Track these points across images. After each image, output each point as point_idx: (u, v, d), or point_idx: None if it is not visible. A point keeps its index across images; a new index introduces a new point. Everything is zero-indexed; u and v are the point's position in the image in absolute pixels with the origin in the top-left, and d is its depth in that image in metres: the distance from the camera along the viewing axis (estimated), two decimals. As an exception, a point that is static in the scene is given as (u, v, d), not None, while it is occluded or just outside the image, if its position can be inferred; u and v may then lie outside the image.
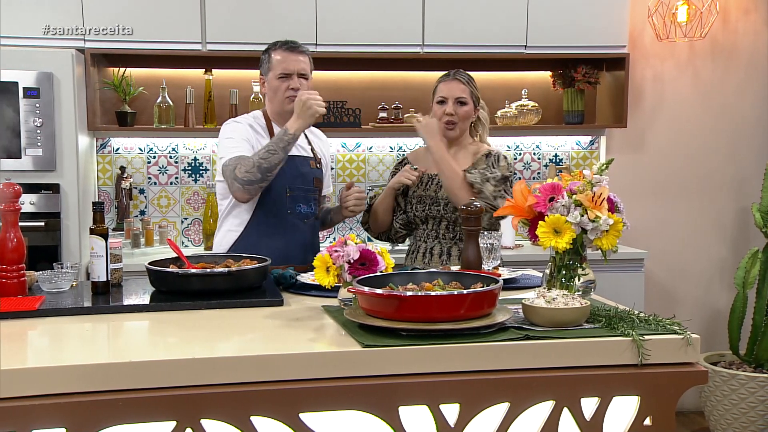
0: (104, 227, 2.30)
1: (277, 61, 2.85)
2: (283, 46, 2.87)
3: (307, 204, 2.92)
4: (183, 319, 2.06)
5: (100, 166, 4.08)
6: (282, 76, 2.84)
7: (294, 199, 2.88)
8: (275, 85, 2.86)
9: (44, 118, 3.50)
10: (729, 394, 3.89)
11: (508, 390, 1.76)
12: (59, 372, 1.61)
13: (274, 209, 2.85)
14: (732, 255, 4.54)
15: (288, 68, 2.84)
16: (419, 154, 3.15)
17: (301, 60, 2.87)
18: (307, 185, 2.92)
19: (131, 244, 3.91)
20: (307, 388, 1.69)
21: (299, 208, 2.89)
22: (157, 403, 1.63)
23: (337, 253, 2.02)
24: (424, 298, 1.78)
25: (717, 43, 4.43)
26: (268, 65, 2.87)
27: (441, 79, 3.02)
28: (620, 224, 1.97)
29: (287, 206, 2.87)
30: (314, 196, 2.95)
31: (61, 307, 2.12)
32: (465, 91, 2.96)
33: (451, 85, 2.97)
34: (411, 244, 3.09)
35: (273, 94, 2.88)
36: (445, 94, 2.97)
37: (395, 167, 3.16)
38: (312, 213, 2.95)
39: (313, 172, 2.94)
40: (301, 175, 2.89)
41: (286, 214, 2.87)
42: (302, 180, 2.90)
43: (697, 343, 1.84)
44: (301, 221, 2.90)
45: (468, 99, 2.97)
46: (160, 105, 3.93)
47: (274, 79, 2.86)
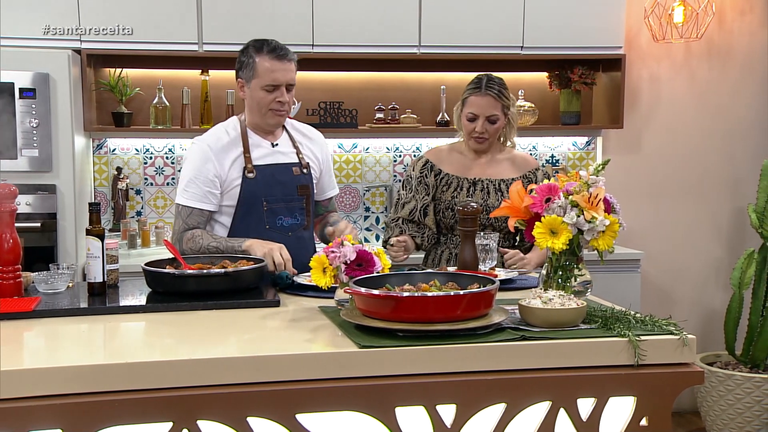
0: (100, 228, 2.29)
1: (265, 70, 2.60)
2: (271, 53, 2.60)
3: (290, 215, 2.71)
4: (179, 320, 2.06)
5: (97, 166, 4.07)
6: (268, 87, 2.61)
7: (273, 212, 2.68)
8: (259, 96, 2.62)
9: (40, 119, 3.50)
10: (725, 395, 3.90)
11: (505, 391, 1.76)
12: (55, 373, 1.61)
13: (252, 224, 2.66)
14: (728, 255, 4.55)
15: (276, 79, 2.60)
16: (442, 154, 2.99)
17: (290, 68, 2.63)
18: (288, 195, 2.71)
19: (127, 245, 3.90)
20: (303, 389, 1.69)
21: (280, 221, 2.69)
22: (154, 404, 1.63)
23: (333, 253, 2.02)
24: (420, 298, 1.78)
25: (713, 44, 4.44)
26: (252, 72, 2.61)
27: (472, 90, 2.85)
28: (616, 225, 1.97)
29: (265, 221, 2.67)
30: (300, 205, 2.73)
31: (57, 308, 2.12)
32: (497, 107, 2.81)
33: (483, 101, 2.81)
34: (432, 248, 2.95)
35: (255, 104, 2.65)
36: (476, 111, 2.82)
37: (419, 170, 2.93)
38: (298, 224, 2.73)
39: (296, 180, 2.72)
40: (280, 184, 2.67)
41: (263, 229, 2.66)
42: (282, 190, 2.68)
43: (693, 343, 1.84)
44: (284, 234, 2.68)
45: (500, 114, 2.83)
46: (156, 106, 3.92)
47: (258, 89, 2.61)
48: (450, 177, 2.92)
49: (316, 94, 4.11)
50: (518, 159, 2.99)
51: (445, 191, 2.91)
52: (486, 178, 2.92)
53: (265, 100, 2.63)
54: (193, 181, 2.63)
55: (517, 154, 3.01)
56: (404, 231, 2.87)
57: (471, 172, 2.94)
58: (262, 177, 2.66)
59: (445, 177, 2.93)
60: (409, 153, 4.31)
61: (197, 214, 2.64)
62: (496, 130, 2.88)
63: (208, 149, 2.64)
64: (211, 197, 2.63)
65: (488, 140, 2.89)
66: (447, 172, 2.93)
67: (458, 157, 2.97)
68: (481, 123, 2.84)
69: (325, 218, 2.93)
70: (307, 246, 2.78)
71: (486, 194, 2.89)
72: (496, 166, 2.94)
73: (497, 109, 2.83)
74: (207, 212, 2.65)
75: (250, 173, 2.65)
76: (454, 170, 2.94)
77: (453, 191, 2.90)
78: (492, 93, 2.82)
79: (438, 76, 4.24)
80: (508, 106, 2.87)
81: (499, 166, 2.94)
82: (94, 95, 3.90)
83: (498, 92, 2.83)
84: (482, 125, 2.84)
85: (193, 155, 2.67)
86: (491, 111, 2.83)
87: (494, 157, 2.95)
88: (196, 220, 2.64)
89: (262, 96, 2.63)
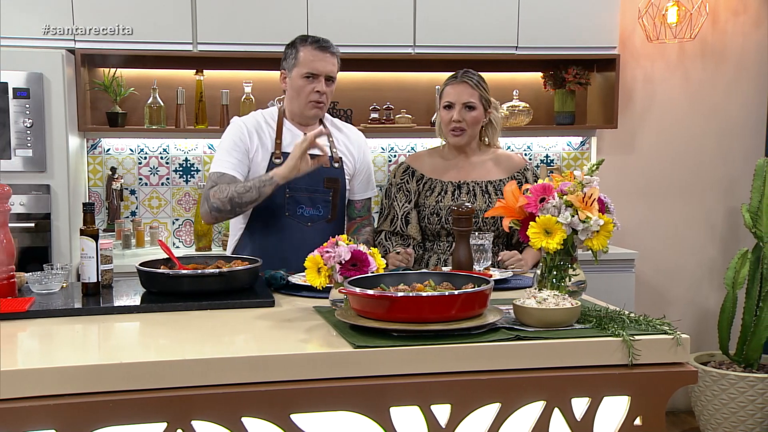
0: (95, 228, 2.29)
1: (305, 59, 2.69)
2: (314, 44, 2.70)
3: (313, 206, 2.77)
4: (174, 321, 2.05)
5: (91, 166, 4.06)
6: (308, 75, 2.69)
7: (295, 200, 2.75)
8: (299, 84, 2.70)
9: (34, 119, 3.49)
10: (719, 394, 3.91)
11: (499, 390, 1.77)
12: (49, 373, 1.61)
13: (271, 210, 2.74)
14: (722, 255, 4.56)
15: (316, 68, 2.69)
16: (422, 158, 2.95)
17: (331, 61, 2.71)
18: (314, 186, 2.76)
19: (122, 245, 3.90)
20: (298, 389, 1.69)
21: (301, 210, 2.76)
22: (148, 404, 1.63)
23: (328, 253, 2.02)
24: (415, 298, 1.78)
25: (706, 44, 4.45)
26: (294, 61, 2.71)
27: (448, 81, 2.83)
28: (611, 225, 1.97)
29: (285, 208, 2.74)
30: (325, 197, 2.78)
31: (51, 308, 2.12)
32: (474, 95, 2.77)
33: (458, 88, 2.78)
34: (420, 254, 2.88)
35: (295, 93, 2.73)
36: (452, 99, 2.78)
37: (400, 177, 2.90)
38: (320, 215, 2.78)
39: (325, 172, 2.75)
40: (306, 175, 2.65)
41: (283, 215, 2.75)
42: (308, 180, 2.71)
43: (686, 343, 1.85)
44: (303, 224, 2.76)
45: (477, 103, 2.78)
46: (150, 106, 3.92)
47: (298, 78, 2.70)
48: (433, 181, 2.87)
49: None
50: (502, 158, 2.91)
51: (429, 196, 2.85)
52: (471, 180, 2.86)
53: (305, 89, 2.71)
54: (227, 151, 2.72)
55: (500, 153, 2.93)
56: (388, 249, 2.81)
57: (454, 175, 2.87)
58: None
59: (428, 182, 2.87)
60: (404, 153, 4.31)
61: (228, 179, 2.69)
62: (474, 120, 2.80)
63: (243, 126, 2.76)
64: (242, 167, 2.72)
65: (466, 132, 2.80)
66: (429, 177, 2.88)
67: (439, 161, 2.91)
68: (458, 110, 2.77)
69: (356, 224, 2.92)
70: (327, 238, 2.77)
71: (473, 196, 2.83)
72: (480, 167, 2.87)
73: (474, 97, 2.78)
74: (237, 180, 2.70)
75: (277, 159, 2.72)
76: (437, 174, 2.88)
77: (437, 196, 2.84)
78: (469, 80, 2.79)
79: (433, 76, 4.24)
80: (487, 99, 2.82)
81: (483, 167, 2.88)
82: (88, 95, 3.89)
83: (475, 82, 2.80)
84: (459, 113, 2.77)
85: (229, 130, 2.77)
86: (467, 98, 2.77)
87: (477, 157, 2.89)
88: (225, 182, 2.69)
89: (301, 85, 2.71)
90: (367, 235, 2.89)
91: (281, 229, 2.77)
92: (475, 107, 2.79)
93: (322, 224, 2.80)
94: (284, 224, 2.75)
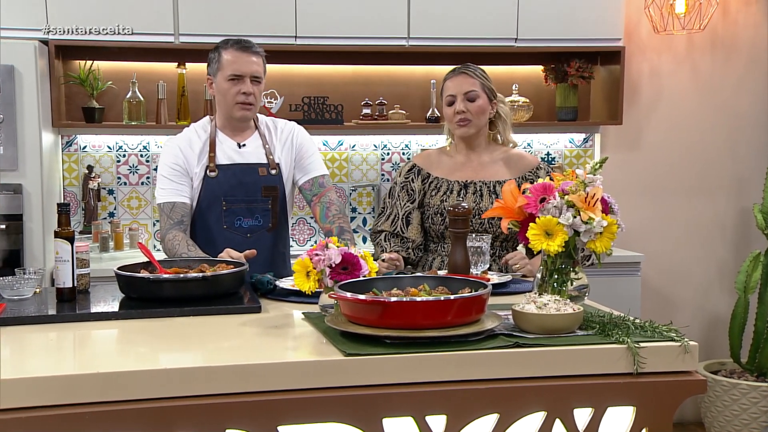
0: (70, 230, 2.29)
1: (227, 62, 2.76)
2: (235, 45, 2.78)
3: (251, 216, 2.84)
4: (154, 328, 2.05)
5: (66, 165, 4.06)
6: (232, 77, 2.76)
7: (232, 212, 2.82)
8: (224, 87, 2.78)
9: (5, 114, 3.48)
10: (730, 405, 3.93)
11: (498, 400, 1.77)
12: (22, 384, 1.61)
13: (208, 225, 2.82)
14: (733, 258, 4.58)
15: (240, 69, 2.76)
16: (431, 157, 2.99)
17: (254, 61, 2.79)
18: (251, 196, 2.83)
19: (99, 248, 3.89)
20: (285, 400, 1.69)
21: (239, 222, 2.83)
22: (127, 416, 1.63)
23: (317, 256, 2.03)
24: (409, 303, 1.78)
25: (716, 35, 4.47)
26: (218, 65, 2.79)
27: (447, 75, 2.89)
28: (615, 226, 1.98)
29: (222, 220, 2.81)
30: (264, 206, 2.85)
31: (23, 315, 2.11)
32: (475, 84, 2.82)
33: (458, 80, 2.84)
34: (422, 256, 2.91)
35: (221, 97, 2.81)
36: (452, 92, 2.84)
37: (405, 175, 2.93)
38: (260, 225, 2.85)
39: (262, 180, 2.84)
40: (242, 185, 2.81)
41: (221, 228, 2.81)
42: (244, 191, 2.82)
43: (695, 350, 1.86)
44: (242, 236, 2.82)
45: (479, 92, 2.82)
46: (130, 100, 3.92)
47: (223, 81, 2.78)
48: (439, 180, 2.90)
49: (299, 89, 4.12)
50: (513, 158, 2.94)
51: (434, 195, 2.88)
52: (479, 180, 2.88)
53: (230, 92, 2.78)
54: (167, 178, 2.82)
55: (513, 152, 2.96)
56: (385, 249, 2.84)
57: (461, 174, 2.90)
58: (224, 177, 2.82)
59: (434, 181, 2.90)
60: (397, 150, 4.32)
61: (180, 207, 2.80)
62: (478, 109, 2.83)
63: (177, 148, 2.84)
64: (187, 190, 2.83)
65: (471, 122, 2.83)
66: (436, 176, 2.91)
67: (447, 160, 2.95)
68: (460, 101, 2.82)
69: (317, 205, 2.91)
70: (270, 248, 2.88)
71: (479, 197, 2.85)
72: (489, 166, 2.90)
73: (475, 86, 2.83)
74: (189, 204, 2.82)
75: (212, 172, 2.82)
76: (444, 173, 2.91)
77: (442, 195, 2.87)
78: (468, 71, 2.86)
79: (428, 69, 4.25)
80: (490, 88, 2.86)
81: (493, 166, 2.90)
82: (62, 89, 3.88)
83: (476, 72, 2.86)
84: (461, 103, 2.82)
85: (165, 155, 2.87)
86: (468, 87, 2.82)
87: (487, 156, 2.92)
88: (179, 213, 2.80)
89: (227, 87, 2.79)
90: (339, 222, 2.87)
91: (218, 242, 2.78)
92: (478, 96, 2.84)
93: (262, 234, 2.87)
94: (223, 237, 2.81)
